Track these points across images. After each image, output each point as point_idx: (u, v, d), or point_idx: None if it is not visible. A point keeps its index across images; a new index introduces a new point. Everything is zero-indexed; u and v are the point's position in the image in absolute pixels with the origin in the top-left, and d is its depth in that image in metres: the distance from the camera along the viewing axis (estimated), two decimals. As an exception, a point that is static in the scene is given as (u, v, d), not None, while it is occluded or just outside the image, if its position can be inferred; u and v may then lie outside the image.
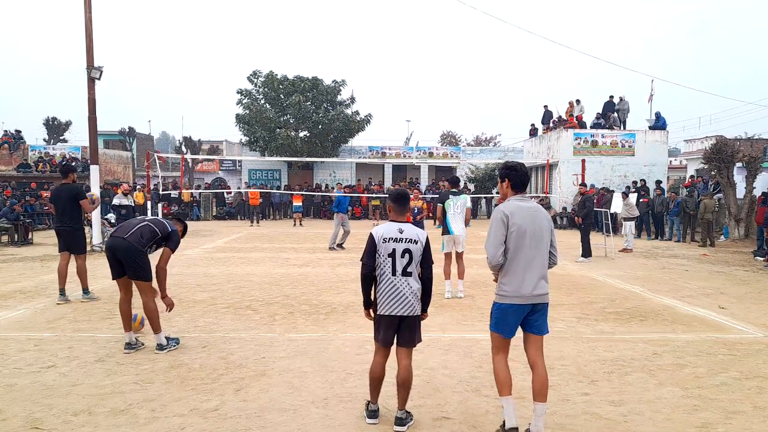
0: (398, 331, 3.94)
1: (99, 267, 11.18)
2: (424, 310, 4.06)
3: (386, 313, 3.90)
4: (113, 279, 5.68)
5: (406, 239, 3.92)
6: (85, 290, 8.05)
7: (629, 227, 15.01)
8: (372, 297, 4.02)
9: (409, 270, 3.90)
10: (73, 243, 7.96)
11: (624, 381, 4.92)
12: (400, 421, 3.90)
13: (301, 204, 25.11)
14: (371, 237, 3.96)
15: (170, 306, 5.73)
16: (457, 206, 8.23)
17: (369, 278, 3.98)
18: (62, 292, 7.94)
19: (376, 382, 4.00)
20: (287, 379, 4.87)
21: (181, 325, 6.66)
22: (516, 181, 3.90)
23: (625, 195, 15.57)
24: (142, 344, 5.75)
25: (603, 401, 4.46)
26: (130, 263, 5.49)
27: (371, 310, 4.05)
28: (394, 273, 3.89)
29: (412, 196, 9.05)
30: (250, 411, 4.21)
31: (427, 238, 4.03)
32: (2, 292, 8.70)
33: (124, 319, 5.70)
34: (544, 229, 3.83)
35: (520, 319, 3.81)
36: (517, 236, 3.74)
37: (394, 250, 3.90)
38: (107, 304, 7.75)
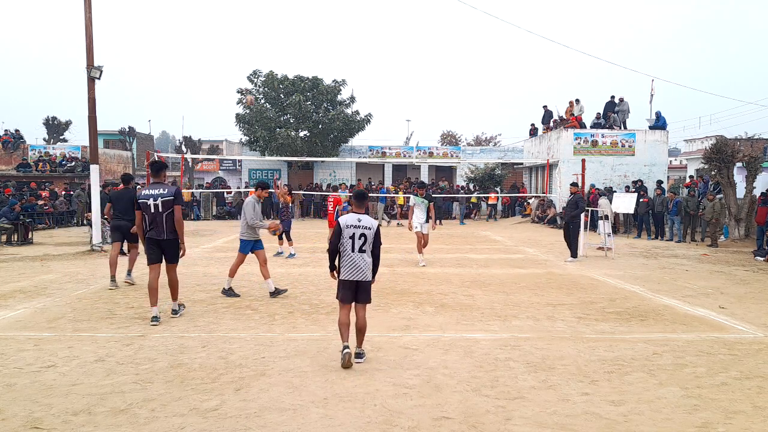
0: (356, 292, 5.30)
1: (100, 266, 11.20)
2: (373, 275, 5.43)
3: (346, 279, 5.27)
4: (151, 264, 6.83)
5: (363, 226, 5.29)
6: (129, 272, 9.27)
7: (603, 226, 14.97)
8: (336, 266, 5.40)
9: (363, 248, 5.27)
10: (130, 234, 9.15)
11: (624, 381, 4.92)
12: (358, 356, 5.30)
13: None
14: (338, 224, 5.32)
15: (184, 251, 7.06)
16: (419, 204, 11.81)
17: (333, 252, 5.40)
18: (113, 278, 8.91)
19: (344, 327, 5.25)
20: (287, 379, 4.87)
21: (181, 325, 6.66)
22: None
23: (600, 195, 15.53)
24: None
25: (603, 401, 4.46)
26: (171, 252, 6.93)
27: (335, 273, 5.41)
28: (353, 250, 5.25)
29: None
30: (250, 411, 4.21)
31: (378, 226, 5.38)
32: (2, 291, 8.69)
33: (153, 294, 6.82)
34: None
35: None
36: None
37: (353, 234, 5.25)
38: (107, 304, 7.75)
